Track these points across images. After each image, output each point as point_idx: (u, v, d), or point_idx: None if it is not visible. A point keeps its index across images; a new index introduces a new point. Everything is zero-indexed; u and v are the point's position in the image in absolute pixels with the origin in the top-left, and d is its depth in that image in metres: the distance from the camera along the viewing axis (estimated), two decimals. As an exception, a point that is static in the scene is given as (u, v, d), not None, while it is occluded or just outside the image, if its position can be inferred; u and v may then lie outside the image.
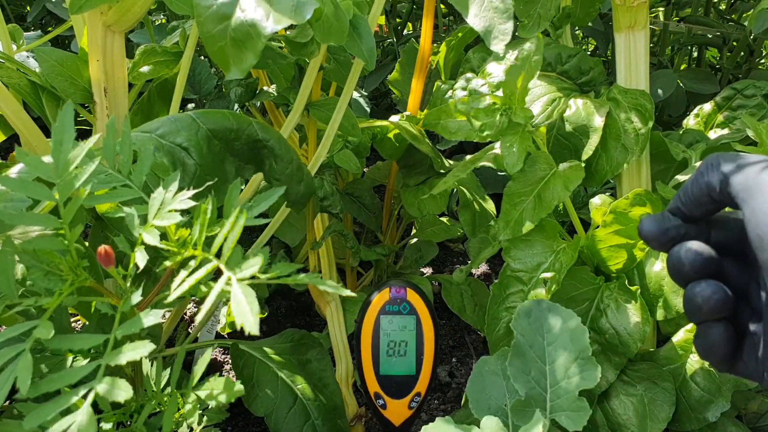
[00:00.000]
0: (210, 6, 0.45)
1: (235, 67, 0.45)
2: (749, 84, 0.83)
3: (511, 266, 0.69)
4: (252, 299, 0.35)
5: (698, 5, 1.35)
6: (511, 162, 0.60)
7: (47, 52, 0.76)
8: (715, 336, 0.37)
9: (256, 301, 0.34)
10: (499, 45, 0.60)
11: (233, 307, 0.34)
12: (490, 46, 0.60)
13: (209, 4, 0.45)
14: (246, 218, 0.39)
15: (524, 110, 0.60)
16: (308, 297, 1.15)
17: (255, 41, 0.44)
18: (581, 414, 0.51)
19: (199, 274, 0.37)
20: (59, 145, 0.40)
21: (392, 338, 0.69)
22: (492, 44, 0.60)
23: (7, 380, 0.34)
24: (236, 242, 0.38)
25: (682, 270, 0.38)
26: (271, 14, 0.44)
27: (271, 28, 0.44)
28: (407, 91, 1.02)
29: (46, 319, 0.36)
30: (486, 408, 0.56)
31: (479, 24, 0.61)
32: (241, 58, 0.45)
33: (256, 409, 0.73)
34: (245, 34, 0.44)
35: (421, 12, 1.36)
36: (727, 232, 0.40)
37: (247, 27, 0.44)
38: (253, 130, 0.58)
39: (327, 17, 0.52)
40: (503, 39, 0.60)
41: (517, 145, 0.60)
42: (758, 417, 0.76)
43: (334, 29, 0.54)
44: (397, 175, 1.03)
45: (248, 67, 0.45)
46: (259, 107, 1.11)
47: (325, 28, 0.53)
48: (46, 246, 0.39)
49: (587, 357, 0.54)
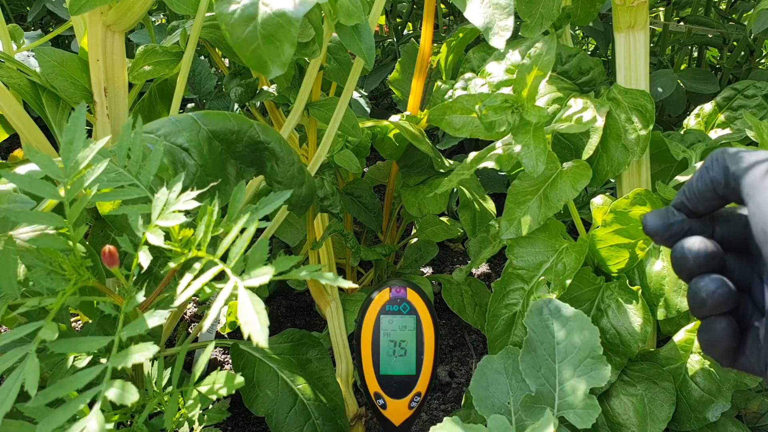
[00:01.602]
0: (233, 12, 0.44)
1: (273, 64, 0.44)
2: (750, 84, 0.83)
3: (513, 264, 0.69)
4: (260, 307, 0.34)
5: (698, 5, 1.35)
6: (531, 163, 0.59)
7: (47, 52, 0.76)
8: (718, 330, 0.37)
9: (264, 310, 0.34)
10: (500, 41, 0.60)
11: (240, 315, 0.33)
12: (490, 41, 0.60)
13: (232, 10, 0.44)
14: (242, 219, 0.39)
15: (536, 108, 0.59)
16: (308, 297, 1.15)
17: (287, 29, 0.43)
18: (590, 412, 0.51)
19: (205, 277, 0.37)
20: (70, 145, 0.40)
21: (392, 338, 0.69)
22: (492, 40, 0.60)
23: (14, 383, 0.34)
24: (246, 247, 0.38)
25: (685, 265, 0.38)
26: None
27: (301, 11, 0.43)
28: (407, 91, 1.02)
29: (50, 320, 0.36)
30: (490, 406, 0.56)
31: (479, 20, 0.61)
32: (277, 53, 0.44)
33: (257, 409, 0.73)
34: (276, 26, 0.43)
35: (421, 12, 1.37)
36: (731, 228, 0.40)
37: (276, 18, 0.43)
38: (254, 131, 0.58)
39: (343, 1, 0.53)
40: (503, 35, 0.60)
41: (533, 145, 0.59)
42: (758, 417, 0.76)
43: (352, 11, 0.54)
44: (397, 175, 1.03)
45: (287, 59, 0.44)
46: (259, 107, 1.11)
47: (345, 10, 0.53)
48: (50, 245, 0.39)
49: (597, 356, 0.54)
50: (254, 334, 0.33)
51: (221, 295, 0.35)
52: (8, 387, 0.34)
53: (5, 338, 0.36)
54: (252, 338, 0.33)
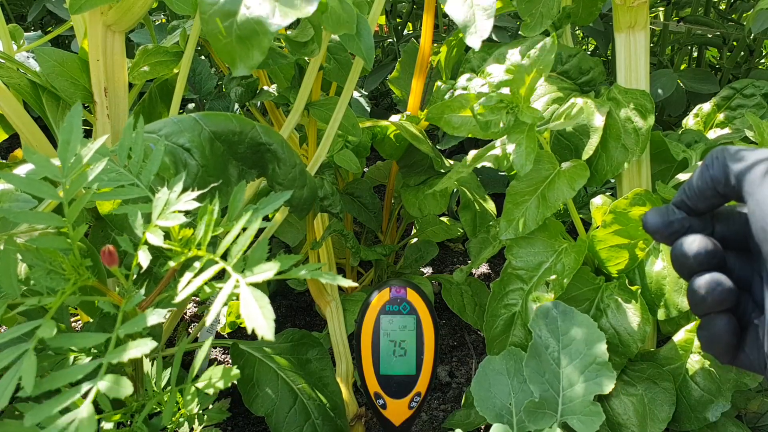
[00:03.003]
0: (214, 3, 0.44)
1: (242, 64, 0.45)
2: (748, 83, 0.83)
3: (512, 264, 0.69)
4: (264, 302, 0.33)
5: (698, 5, 1.35)
6: (520, 162, 0.59)
7: (47, 52, 0.76)
8: (718, 328, 0.38)
9: (268, 304, 0.33)
10: (476, 41, 0.60)
11: (243, 310, 0.33)
12: (466, 40, 0.60)
13: (213, 1, 0.44)
14: (242, 220, 0.39)
15: (531, 109, 0.60)
16: (308, 297, 1.16)
17: (261, 38, 0.44)
18: (593, 419, 0.51)
19: (205, 275, 0.37)
20: (66, 145, 0.40)
21: (392, 338, 0.69)
22: (468, 38, 0.60)
23: (11, 380, 0.34)
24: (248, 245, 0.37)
25: (685, 263, 0.38)
26: (277, 9, 0.44)
27: (277, 24, 0.44)
28: (407, 91, 1.02)
29: (49, 318, 0.36)
30: (491, 407, 0.56)
31: (459, 16, 0.60)
32: (247, 55, 0.44)
33: (257, 408, 0.73)
34: (251, 31, 0.44)
35: (421, 12, 1.37)
36: (731, 226, 0.41)
37: (253, 24, 0.44)
38: (256, 133, 0.58)
39: (333, 9, 0.52)
40: (481, 35, 0.60)
41: (525, 145, 0.59)
42: (758, 417, 0.76)
43: (342, 20, 0.54)
44: (397, 175, 1.03)
45: (255, 64, 0.45)
46: (259, 107, 1.11)
47: (334, 19, 0.53)
48: (50, 245, 0.39)
49: (603, 362, 0.54)
50: (259, 328, 0.32)
51: (222, 293, 0.35)
52: (5, 384, 0.34)
53: (3, 337, 0.36)
54: (256, 332, 0.32)
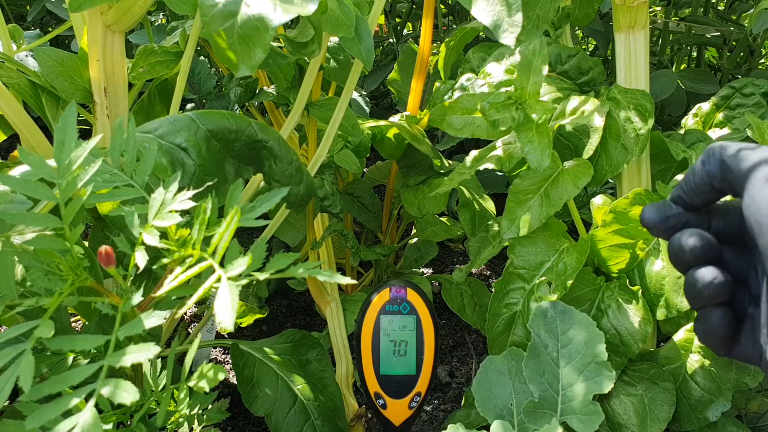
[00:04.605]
0: (215, 4, 0.44)
1: (244, 65, 0.45)
2: (748, 82, 0.83)
3: (514, 263, 0.69)
4: (234, 297, 0.35)
5: (698, 5, 1.35)
6: (536, 158, 0.58)
7: (47, 51, 0.76)
8: (714, 320, 0.38)
9: (237, 300, 0.35)
10: (510, 38, 0.59)
11: (216, 303, 0.35)
12: (500, 39, 0.59)
13: (214, 2, 0.44)
14: (241, 218, 0.39)
15: (540, 103, 0.59)
16: (308, 297, 1.15)
17: (263, 35, 0.44)
18: (593, 418, 0.51)
19: (192, 270, 0.37)
20: (61, 145, 0.40)
21: (392, 338, 0.69)
22: (502, 37, 0.59)
23: (8, 381, 0.33)
24: (230, 241, 0.38)
25: (682, 257, 0.39)
26: (278, 6, 0.44)
27: (279, 20, 0.44)
28: (407, 91, 1.02)
29: (46, 318, 0.36)
30: (492, 407, 0.56)
31: (487, 18, 0.60)
32: (249, 55, 0.44)
33: (256, 409, 0.73)
34: (253, 29, 0.44)
35: (421, 12, 1.37)
36: (727, 221, 0.41)
37: (255, 21, 0.44)
38: (252, 130, 0.58)
39: (333, 11, 0.53)
40: (513, 31, 0.59)
41: (537, 140, 0.59)
42: (758, 417, 0.76)
43: (341, 22, 0.54)
44: (397, 175, 1.03)
45: (257, 63, 0.45)
46: (259, 107, 1.11)
47: (333, 20, 0.53)
48: (47, 246, 0.39)
49: (602, 362, 0.54)
50: (223, 320, 0.34)
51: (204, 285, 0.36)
52: (2, 383, 0.33)
53: (1, 337, 0.36)
54: (222, 323, 0.34)
